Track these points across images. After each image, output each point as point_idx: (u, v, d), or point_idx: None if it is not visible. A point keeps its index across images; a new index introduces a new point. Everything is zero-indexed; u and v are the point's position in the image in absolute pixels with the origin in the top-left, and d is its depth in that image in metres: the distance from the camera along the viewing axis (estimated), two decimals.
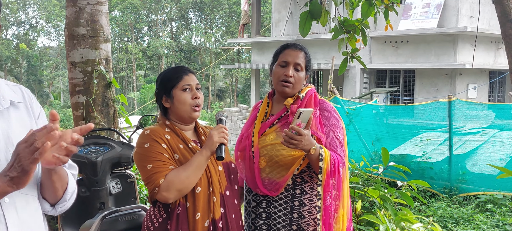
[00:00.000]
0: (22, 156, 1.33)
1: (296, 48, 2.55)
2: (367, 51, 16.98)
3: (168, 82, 2.33)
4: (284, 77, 2.50)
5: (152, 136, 2.26)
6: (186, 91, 2.31)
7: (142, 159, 2.24)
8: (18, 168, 1.34)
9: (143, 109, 29.31)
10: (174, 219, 2.22)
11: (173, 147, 2.27)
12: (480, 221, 6.54)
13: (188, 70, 2.38)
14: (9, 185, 1.36)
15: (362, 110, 9.47)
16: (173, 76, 2.33)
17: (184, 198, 2.23)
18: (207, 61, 39.02)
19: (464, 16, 15.58)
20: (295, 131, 2.26)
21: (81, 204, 3.23)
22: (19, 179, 1.36)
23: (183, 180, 2.17)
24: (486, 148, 8.27)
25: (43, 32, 45.00)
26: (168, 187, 2.16)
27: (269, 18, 30.11)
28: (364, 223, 4.09)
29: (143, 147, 2.25)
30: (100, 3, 4.68)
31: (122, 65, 40.30)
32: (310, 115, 2.32)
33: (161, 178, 2.17)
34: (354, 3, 4.36)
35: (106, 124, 4.66)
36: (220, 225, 2.26)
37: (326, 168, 2.36)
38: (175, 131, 2.32)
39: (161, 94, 2.36)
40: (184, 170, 2.19)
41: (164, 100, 2.35)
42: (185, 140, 2.32)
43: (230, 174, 2.40)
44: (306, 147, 2.29)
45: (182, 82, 2.31)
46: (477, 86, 16.18)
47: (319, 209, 2.41)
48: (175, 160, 2.25)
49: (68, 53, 4.68)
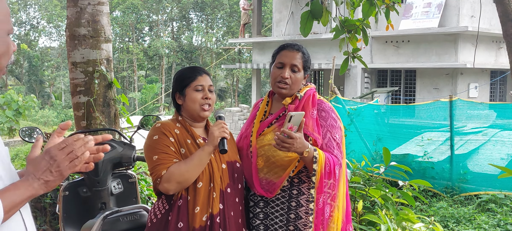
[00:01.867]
0: (60, 161, 1.41)
1: (292, 49, 2.54)
2: (368, 51, 16.97)
3: (183, 81, 2.45)
4: (280, 78, 2.50)
5: (161, 129, 2.37)
6: (198, 91, 2.41)
7: (149, 150, 2.35)
8: (55, 173, 1.42)
9: (144, 110, 29.33)
10: (175, 210, 2.32)
11: (181, 141, 2.37)
12: (482, 221, 6.53)
13: (203, 71, 2.48)
14: (42, 188, 1.42)
15: (363, 110, 9.47)
16: (188, 76, 2.45)
17: (186, 191, 2.32)
18: (208, 61, 39.03)
19: (465, 16, 15.57)
20: (287, 134, 2.27)
21: (83, 204, 3.24)
22: (55, 182, 1.43)
23: (183, 173, 2.26)
24: (488, 147, 8.27)
25: (44, 33, 45.04)
26: (169, 179, 2.26)
27: (270, 18, 30.09)
28: (365, 223, 4.09)
29: (152, 139, 2.36)
30: (101, 3, 4.68)
31: (123, 65, 40.31)
32: (301, 118, 2.32)
33: (164, 170, 2.28)
34: (355, 3, 4.36)
35: (107, 124, 4.66)
36: (218, 221, 2.32)
37: (319, 170, 2.36)
38: (185, 127, 2.44)
39: (175, 91, 2.48)
40: (185, 164, 2.28)
41: (177, 97, 2.47)
42: (193, 135, 2.42)
43: (234, 172, 2.45)
44: (298, 149, 2.29)
45: (195, 82, 2.42)
46: (478, 85, 16.17)
47: (312, 211, 2.40)
48: (181, 154, 2.35)
49: (69, 53, 4.69)
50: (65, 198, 3.31)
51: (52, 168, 1.41)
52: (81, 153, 1.42)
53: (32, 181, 1.41)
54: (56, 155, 1.41)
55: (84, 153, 1.42)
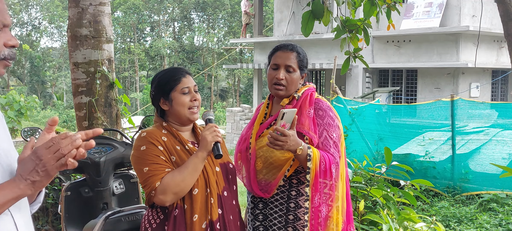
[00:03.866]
0: (46, 161, 1.36)
1: (286, 50, 2.54)
2: (370, 51, 16.96)
3: (166, 85, 2.31)
4: (276, 80, 2.50)
5: (148, 138, 2.24)
6: (185, 94, 2.29)
7: (138, 162, 2.22)
8: (41, 173, 1.38)
9: (145, 110, 29.35)
10: (171, 221, 2.21)
11: (170, 148, 2.26)
12: (483, 220, 6.52)
13: (185, 72, 2.36)
14: (30, 188, 1.39)
15: (364, 110, 9.46)
16: (171, 79, 2.31)
17: (181, 200, 2.22)
18: (209, 62, 39.03)
19: (467, 15, 15.55)
20: (280, 132, 2.26)
21: (85, 204, 3.25)
22: (41, 182, 1.39)
23: (179, 183, 2.16)
24: (489, 147, 8.26)
25: (45, 33, 45.05)
26: (164, 190, 2.15)
27: (271, 18, 30.09)
28: (367, 222, 4.09)
29: (139, 150, 2.23)
30: (102, 3, 4.69)
31: (125, 65, 40.33)
32: (294, 115, 2.30)
33: (157, 181, 2.16)
34: (356, 3, 4.36)
35: (109, 124, 4.67)
36: (218, 227, 2.25)
37: (314, 168, 2.34)
38: (172, 133, 2.31)
39: (158, 97, 2.33)
40: (179, 173, 2.17)
41: (161, 102, 2.33)
42: (182, 141, 2.31)
43: (228, 174, 2.39)
44: (292, 147, 2.28)
45: (181, 85, 2.30)
46: (479, 85, 16.15)
47: (307, 210, 2.40)
48: (172, 162, 2.24)
49: (70, 54, 4.70)
50: (67, 198, 3.32)
51: (38, 167, 1.37)
52: (68, 151, 1.36)
53: (18, 181, 1.38)
54: (42, 154, 1.37)
55: (71, 151, 1.36)
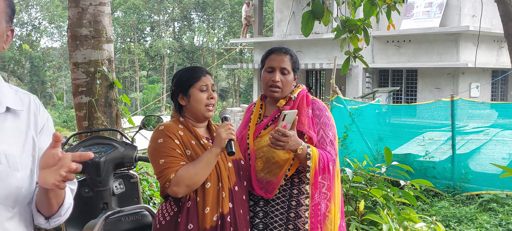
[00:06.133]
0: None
1: (280, 53, 2.59)
2: (370, 51, 16.97)
3: (186, 82, 2.43)
4: (272, 82, 2.56)
5: (165, 131, 2.35)
6: (203, 91, 2.41)
7: (155, 154, 2.33)
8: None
9: (146, 110, 29.35)
10: (184, 212, 2.31)
11: (186, 143, 2.36)
12: (483, 220, 6.52)
13: (205, 71, 2.48)
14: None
15: (364, 110, 9.47)
16: (192, 76, 2.43)
17: (194, 193, 2.32)
18: (209, 62, 39.04)
19: (467, 15, 15.56)
20: (281, 132, 2.32)
21: (84, 204, 3.24)
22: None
23: (192, 176, 2.26)
24: (489, 147, 8.26)
25: (46, 33, 45.08)
26: (177, 182, 2.25)
27: (271, 18, 30.10)
28: (367, 222, 4.09)
29: (157, 142, 2.34)
30: (102, 3, 4.69)
31: (125, 65, 40.34)
32: (294, 116, 2.38)
33: (172, 173, 2.26)
34: (356, 3, 4.36)
35: (109, 124, 4.67)
36: (228, 220, 2.33)
37: (313, 166, 2.42)
38: (188, 128, 2.42)
39: (177, 92, 2.45)
40: (193, 166, 2.27)
41: (180, 98, 2.44)
42: (197, 136, 2.41)
43: (240, 170, 2.47)
44: (292, 147, 2.35)
45: (200, 83, 2.41)
46: (479, 85, 16.16)
47: (307, 207, 2.46)
48: (187, 155, 2.34)
49: (70, 54, 4.69)
50: None
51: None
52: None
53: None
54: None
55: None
